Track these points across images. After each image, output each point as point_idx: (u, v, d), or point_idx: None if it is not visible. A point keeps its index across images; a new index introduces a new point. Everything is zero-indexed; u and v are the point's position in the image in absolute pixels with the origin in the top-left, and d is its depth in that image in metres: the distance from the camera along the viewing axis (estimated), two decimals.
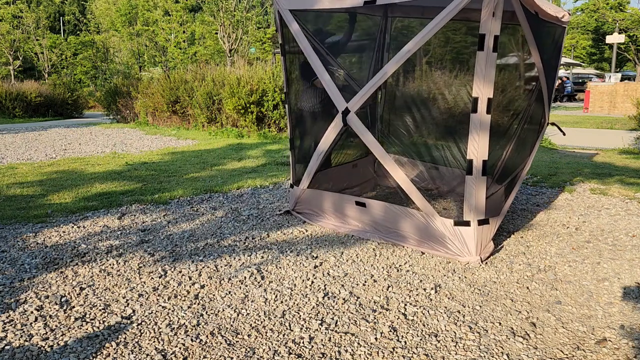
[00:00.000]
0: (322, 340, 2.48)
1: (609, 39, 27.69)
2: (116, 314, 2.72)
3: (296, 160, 4.72)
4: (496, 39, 3.26)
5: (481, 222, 3.49)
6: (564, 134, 5.49)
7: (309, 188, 4.45)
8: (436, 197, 5.03)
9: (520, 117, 4.48)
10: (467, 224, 3.48)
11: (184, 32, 31.75)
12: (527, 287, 3.10)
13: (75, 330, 2.54)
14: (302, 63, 4.73)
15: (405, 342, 2.45)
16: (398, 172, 3.81)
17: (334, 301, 2.89)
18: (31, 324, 2.61)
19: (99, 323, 2.62)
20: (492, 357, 2.33)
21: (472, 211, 3.47)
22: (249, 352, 2.37)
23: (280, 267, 3.39)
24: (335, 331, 2.56)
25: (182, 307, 2.81)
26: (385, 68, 3.84)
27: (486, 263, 3.49)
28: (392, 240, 3.87)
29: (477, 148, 3.39)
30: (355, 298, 2.93)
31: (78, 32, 40.41)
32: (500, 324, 2.64)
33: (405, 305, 2.84)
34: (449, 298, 2.94)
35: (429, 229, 3.65)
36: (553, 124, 4.85)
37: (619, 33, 29.79)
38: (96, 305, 2.82)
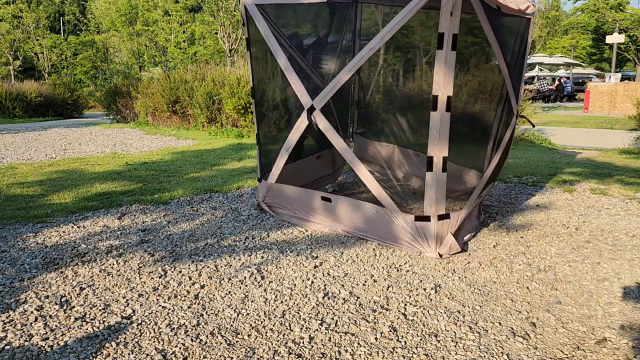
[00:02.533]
0: (322, 340, 2.48)
1: (609, 39, 27.69)
2: (116, 314, 2.72)
3: (263, 154, 4.80)
4: (455, 37, 3.30)
5: (441, 217, 3.56)
6: (534, 126, 5.66)
7: (277, 182, 4.54)
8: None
9: (483, 112, 4.52)
10: (427, 219, 3.56)
11: (184, 32, 31.75)
12: (527, 287, 3.10)
13: (75, 330, 2.54)
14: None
15: (405, 342, 2.45)
16: (361, 168, 3.91)
17: (334, 301, 2.89)
18: (31, 324, 2.61)
19: (99, 323, 2.62)
20: (492, 357, 2.33)
21: (432, 206, 3.54)
22: (249, 352, 2.37)
23: (280, 267, 3.39)
24: (335, 331, 2.56)
25: (182, 307, 2.81)
26: (347, 67, 3.90)
27: (481, 263, 3.49)
28: (357, 234, 3.97)
29: (437, 145, 3.44)
30: (355, 298, 2.93)
31: (78, 32, 40.43)
32: (500, 324, 2.64)
33: (405, 305, 2.84)
34: (449, 298, 2.94)
35: (391, 223, 3.74)
36: (522, 116, 4.89)
37: (619, 33, 29.80)
38: (96, 305, 2.82)
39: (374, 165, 6.02)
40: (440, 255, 3.56)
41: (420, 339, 2.48)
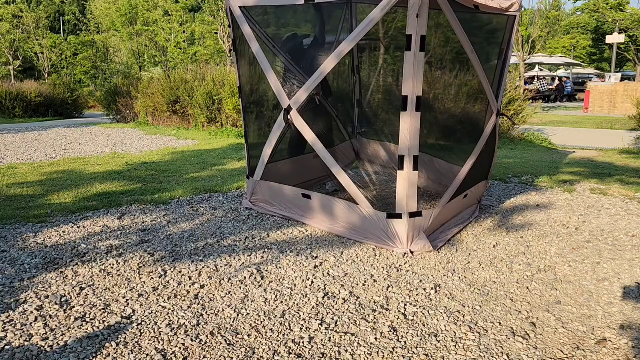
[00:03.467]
0: (322, 340, 2.48)
1: (609, 39, 27.71)
2: (116, 314, 2.72)
3: (251, 152, 4.89)
4: (423, 38, 3.31)
5: (413, 215, 3.61)
6: (514, 124, 5.72)
7: (262, 180, 4.63)
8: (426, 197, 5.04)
9: (467, 111, 4.54)
10: (399, 216, 3.62)
11: (184, 32, 31.75)
12: (527, 287, 3.10)
13: (75, 330, 2.54)
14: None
15: (405, 342, 2.45)
16: (337, 168, 4.00)
17: (334, 301, 2.89)
18: (31, 324, 2.61)
19: (99, 323, 2.62)
20: (492, 357, 2.33)
21: (404, 204, 3.59)
22: (249, 352, 2.37)
23: (280, 267, 3.39)
24: (335, 331, 2.56)
25: (182, 307, 2.81)
26: (322, 67, 3.97)
27: (481, 263, 3.49)
28: (334, 231, 4.07)
29: (408, 145, 3.49)
30: (355, 298, 2.93)
31: (78, 32, 40.43)
32: (500, 324, 2.64)
33: (405, 305, 2.84)
34: (449, 298, 2.94)
35: (365, 220, 3.82)
36: (503, 114, 4.91)
37: (619, 33, 29.81)
38: (96, 305, 2.82)
39: (374, 165, 6.03)
40: (412, 253, 3.62)
41: (420, 339, 2.48)
